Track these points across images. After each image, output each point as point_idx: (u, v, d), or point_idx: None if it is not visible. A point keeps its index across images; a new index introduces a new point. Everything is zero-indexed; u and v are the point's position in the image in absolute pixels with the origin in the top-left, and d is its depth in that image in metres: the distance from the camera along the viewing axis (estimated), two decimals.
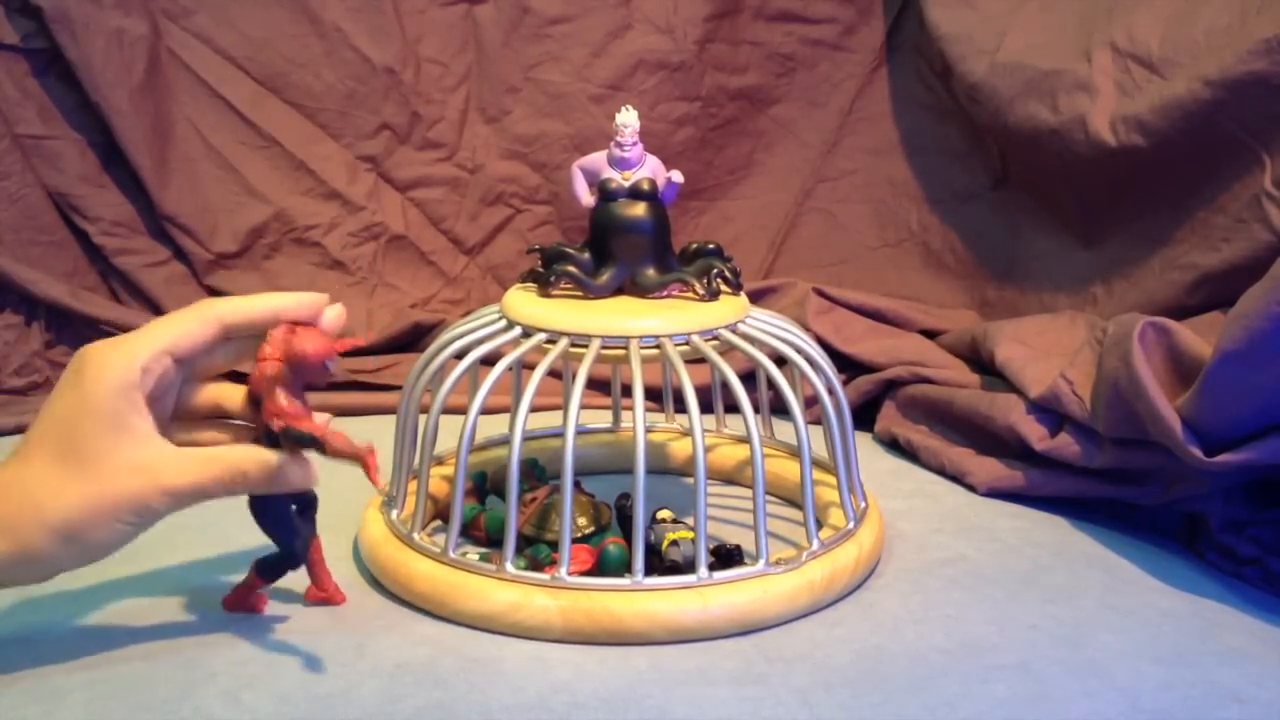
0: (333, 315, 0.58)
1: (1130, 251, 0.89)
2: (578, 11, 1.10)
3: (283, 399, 0.55)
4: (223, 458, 0.55)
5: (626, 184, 0.68)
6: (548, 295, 0.68)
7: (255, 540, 0.60)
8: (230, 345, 0.58)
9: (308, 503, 0.61)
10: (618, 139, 0.68)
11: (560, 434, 0.63)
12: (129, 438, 0.54)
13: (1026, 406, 0.78)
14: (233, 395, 0.59)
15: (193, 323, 0.56)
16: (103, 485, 0.53)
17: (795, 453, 0.68)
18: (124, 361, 0.54)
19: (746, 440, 0.62)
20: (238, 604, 0.61)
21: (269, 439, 0.56)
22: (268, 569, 0.61)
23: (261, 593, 0.62)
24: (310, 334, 0.56)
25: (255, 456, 0.55)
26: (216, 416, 0.60)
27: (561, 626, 0.59)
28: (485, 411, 0.63)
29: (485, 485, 0.75)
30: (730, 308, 0.67)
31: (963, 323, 0.99)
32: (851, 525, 0.67)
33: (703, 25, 1.11)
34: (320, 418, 0.57)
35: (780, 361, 0.67)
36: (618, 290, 0.68)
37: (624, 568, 0.62)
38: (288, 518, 0.60)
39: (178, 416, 0.59)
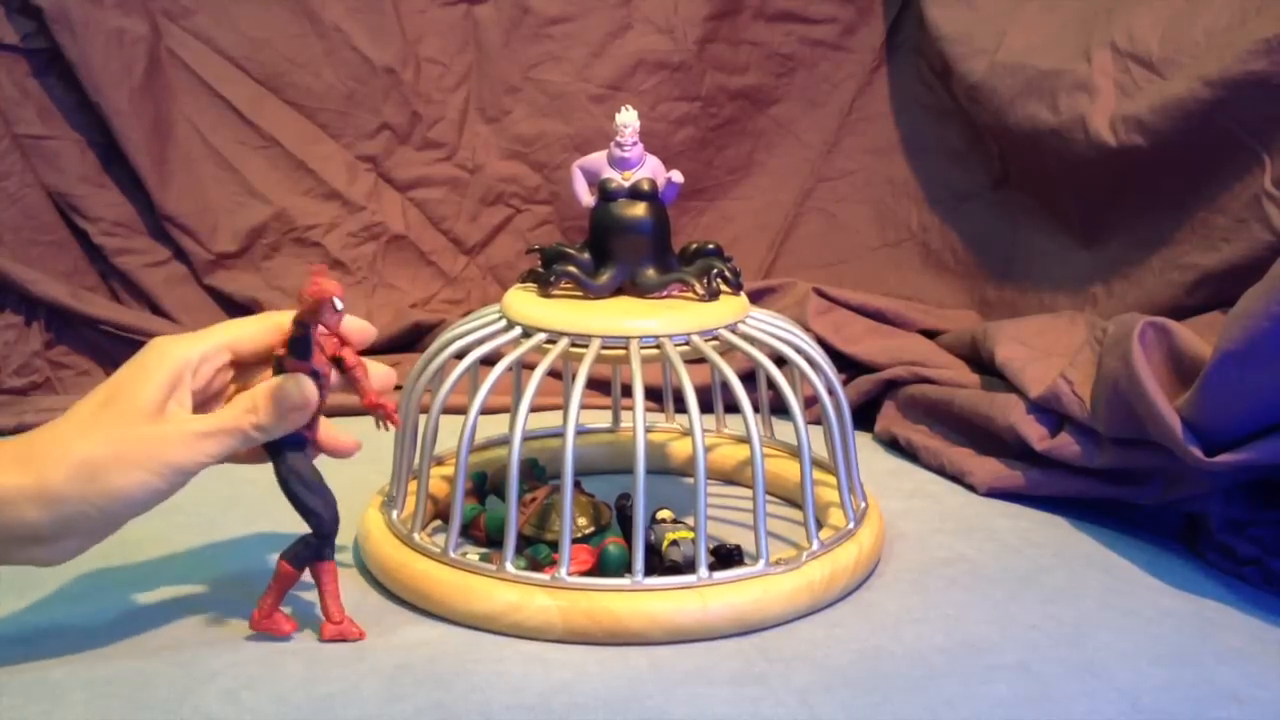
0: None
1: (1130, 251, 0.89)
2: (578, 11, 1.10)
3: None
4: (239, 399, 0.57)
5: (626, 184, 0.68)
6: (548, 295, 0.68)
7: (256, 539, 0.60)
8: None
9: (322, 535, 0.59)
10: (618, 139, 0.68)
11: (560, 434, 0.63)
12: (168, 399, 0.56)
13: (1026, 406, 0.78)
14: None
15: (254, 325, 0.60)
16: (130, 428, 0.55)
17: (795, 453, 0.68)
18: (185, 344, 0.58)
19: (746, 440, 0.62)
20: (264, 621, 0.59)
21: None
22: (296, 555, 0.59)
23: (288, 616, 0.60)
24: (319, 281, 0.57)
25: (262, 387, 0.57)
26: None
27: (561, 626, 0.59)
28: (485, 411, 0.63)
29: (485, 485, 0.75)
30: (730, 308, 0.67)
31: (963, 323, 0.99)
32: (851, 525, 0.67)
33: (703, 25, 1.11)
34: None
35: (780, 361, 0.67)
36: (618, 290, 0.68)
37: (624, 568, 0.62)
38: (310, 481, 0.58)
39: None
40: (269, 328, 0.60)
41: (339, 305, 0.55)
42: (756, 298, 0.94)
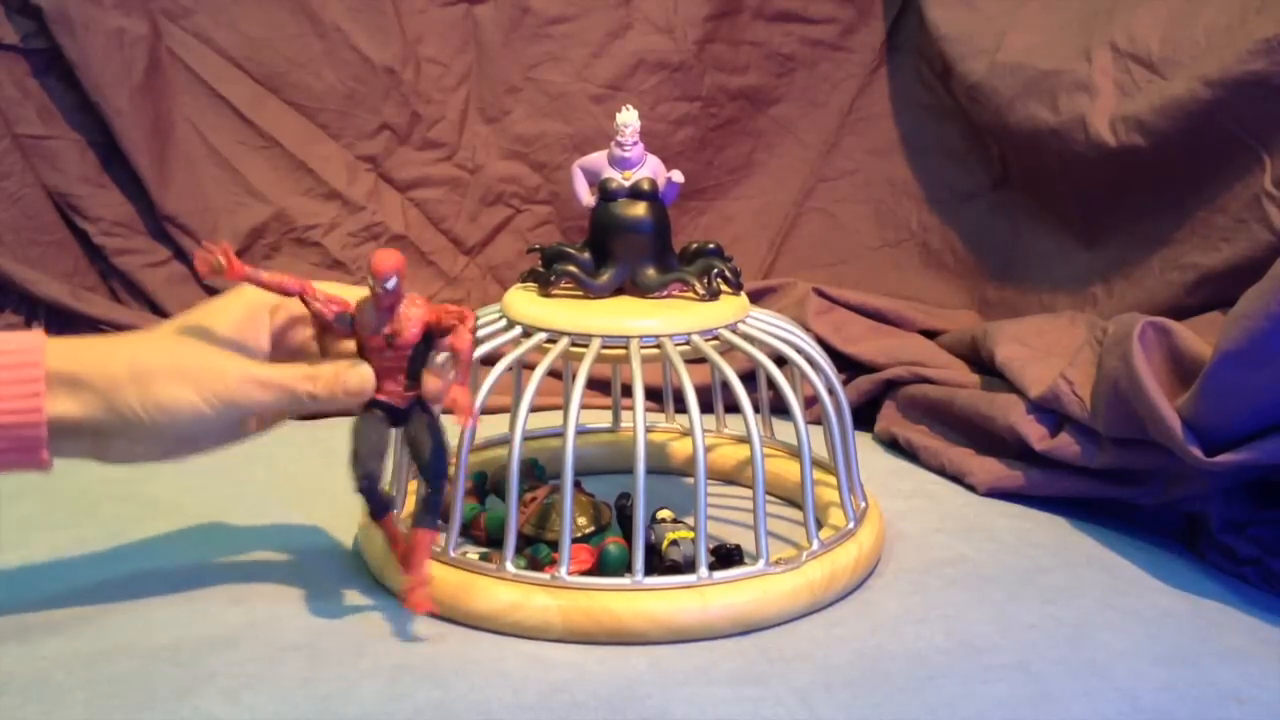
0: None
1: (1130, 251, 0.89)
2: (578, 11, 1.10)
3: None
4: (304, 365, 0.58)
5: (627, 184, 0.68)
6: (548, 295, 0.68)
7: (257, 539, 0.60)
8: None
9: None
10: (618, 139, 0.68)
11: (560, 434, 0.63)
12: (240, 337, 0.57)
13: (1026, 406, 0.78)
14: None
15: (335, 288, 0.59)
16: (194, 351, 0.56)
17: (795, 453, 0.68)
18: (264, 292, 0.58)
19: (746, 440, 0.62)
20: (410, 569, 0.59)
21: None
22: (421, 513, 0.59)
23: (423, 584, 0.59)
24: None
25: (330, 364, 0.58)
26: None
27: (561, 626, 0.59)
28: (485, 411, 0.63)
29: (485, 485, 0.75)
30: (730, 308, 0.67)
31: (963, 323, 0.99)
32: (851, 525, 0.67)
33: (703, 25, 1.11)
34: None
35: (780, 361, 0.67)
36: (618, 290, 0.68)
37: (624, 567, 0.62)
38: (370, 442, 0.58)
39: None
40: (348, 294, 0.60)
41: (389, 285, 0.57)
42: (756, 298, 0.94)
